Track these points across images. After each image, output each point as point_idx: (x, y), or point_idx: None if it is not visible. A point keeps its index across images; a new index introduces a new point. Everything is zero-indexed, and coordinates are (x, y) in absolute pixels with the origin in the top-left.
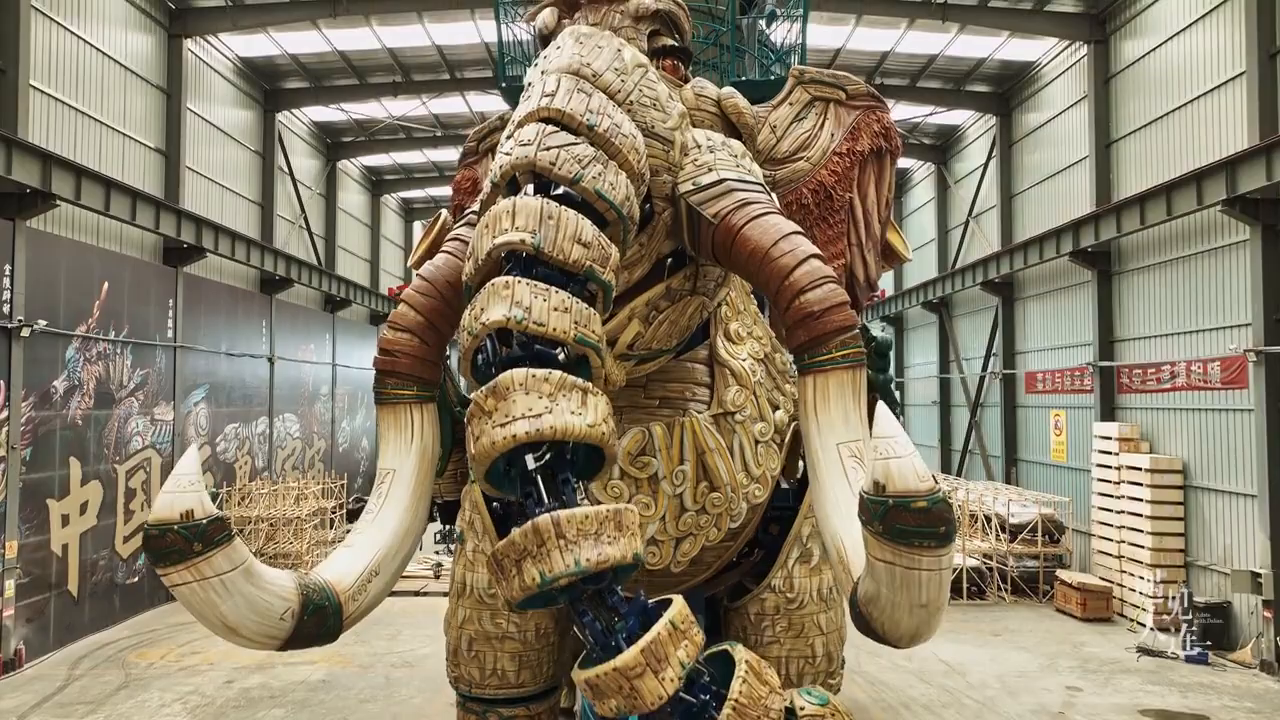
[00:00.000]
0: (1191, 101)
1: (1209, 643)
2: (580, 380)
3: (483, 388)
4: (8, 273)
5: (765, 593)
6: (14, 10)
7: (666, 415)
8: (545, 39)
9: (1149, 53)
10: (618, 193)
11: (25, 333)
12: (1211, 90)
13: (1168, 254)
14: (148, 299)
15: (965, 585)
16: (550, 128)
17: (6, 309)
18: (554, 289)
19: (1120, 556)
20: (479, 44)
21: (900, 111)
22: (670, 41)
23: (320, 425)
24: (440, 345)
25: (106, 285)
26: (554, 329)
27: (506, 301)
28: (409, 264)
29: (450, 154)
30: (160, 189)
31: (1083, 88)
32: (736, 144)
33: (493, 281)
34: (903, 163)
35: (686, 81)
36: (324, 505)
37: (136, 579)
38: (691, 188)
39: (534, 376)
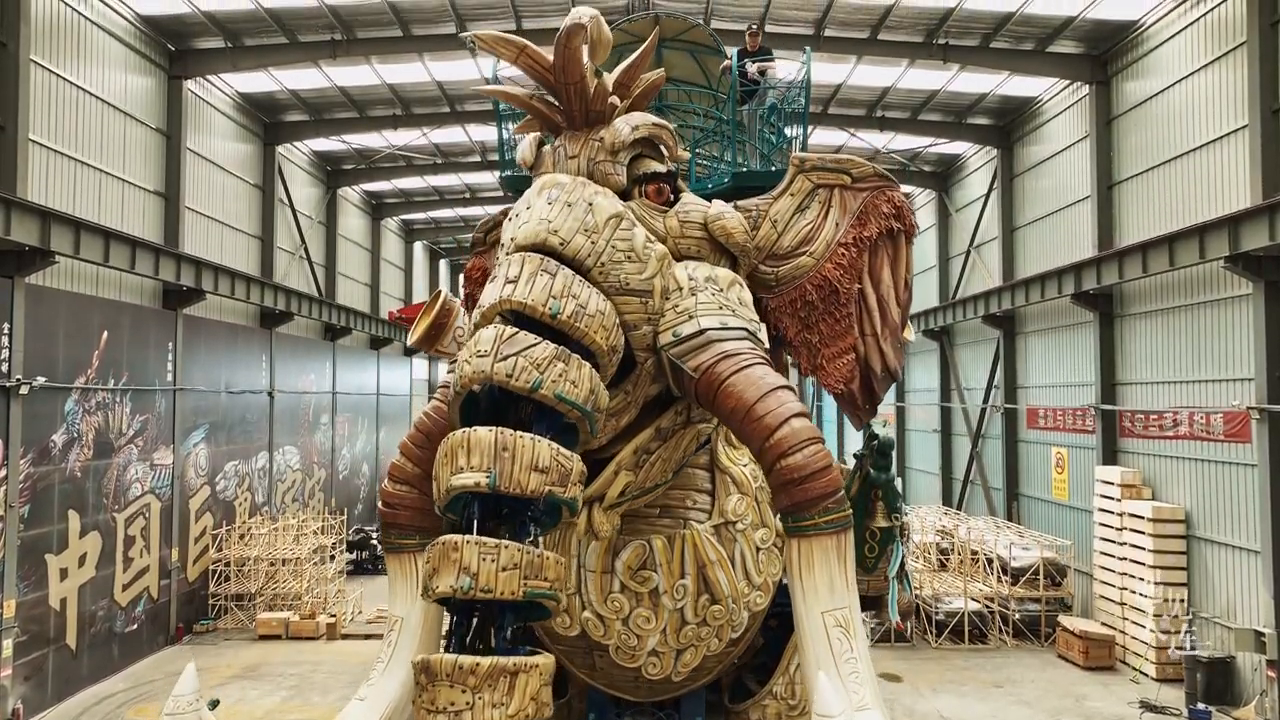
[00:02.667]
0: (1195, 150)
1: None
2: (511, 662)
3: (420, 658)
4: (6, 331)
5: (767, 699)
6: (14, 66)
7: (667, 525)
8: (530, 168)
9: (1152, 97)
10: (580, 390)
11: (24, 390)
12: (1214, 140)
13: (1170, 301)
14: (146, 344)
15: (967, 629)
16: (509, 330)
17: (5, 367)
18: (504, 545)
19: (1122, 604)
20: (479, 79)
21: (901, 142)
22: (653, 166)
23: (320, 455)
24: None
25: (106, 334)
26: (501, 592)
27: (454, 568)
28: (409, 343)
29: (451, 179)
30: (160, 232)
31: (1084, 127)
32: (724, 274)
33: (443, 541)
34: (903, 188)
35: (677, 194)
36: (324, 542)
37: (135, 626)
38: (672, 339)
39: (460, 668)
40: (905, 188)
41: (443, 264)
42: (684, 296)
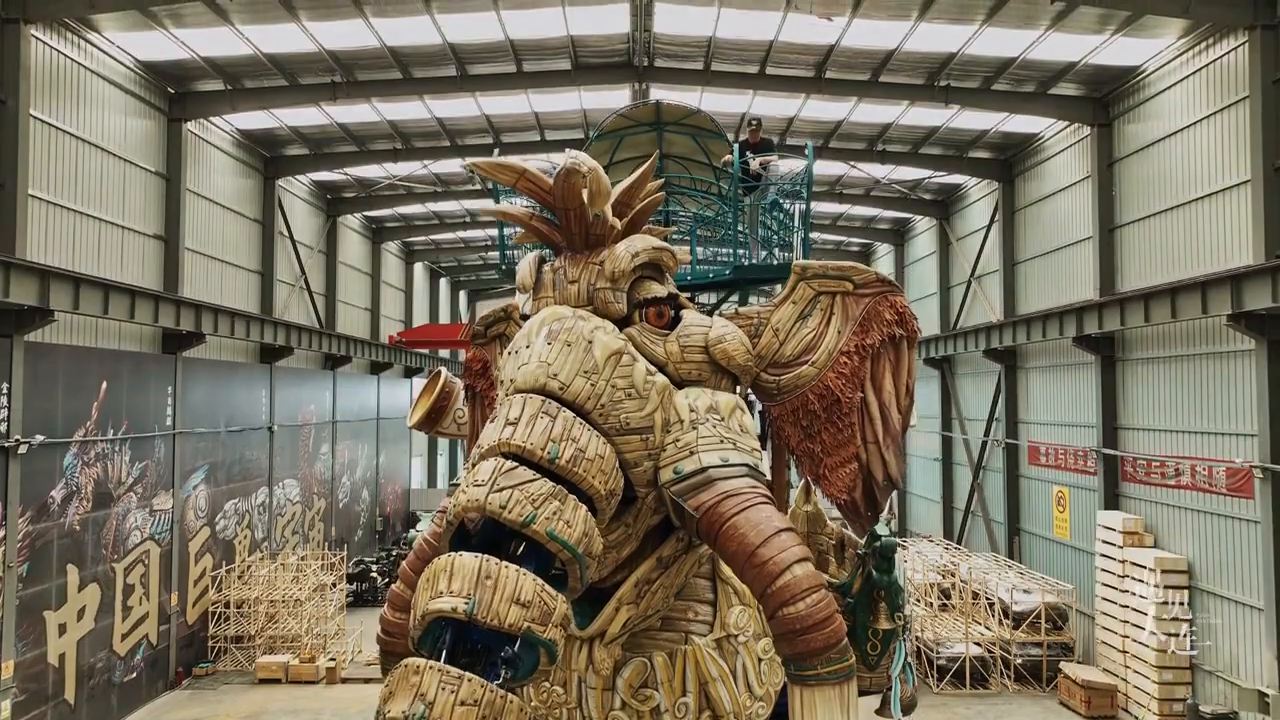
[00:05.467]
0: (1197, 200)
1: None
2: None
3: None
4: (4, 390)
5: None
6: (14, 123)
7: (668, 639)
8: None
9: (1153, 143)
10: (573, 531)
11: (22, 450)
12: (1217, 192)
13: (1173, 350)
14: (146, 390)
15: (968, 673)
16: (508, 464)
17: (4, 427)
18: (466, 678)
19: (1124, 652)
20: (479, 115)
21: (902, 173)
22: (654, 290)
23: (320, 484)
24: None
25: (105, 385)
26: None
27: (411, 693)
28: (409, 424)
29: (451, 206)
30: (159, 276)
31: (1086, 167)
32: (725, 401)
33: (405, 664)
34: (904, 215)
35: (678, 313)
36: (324, 581)
37: (134, 674)
38: (672, 476)
39: None
40: (905, 214)
41: (443, 282)
42: (685, 430)
